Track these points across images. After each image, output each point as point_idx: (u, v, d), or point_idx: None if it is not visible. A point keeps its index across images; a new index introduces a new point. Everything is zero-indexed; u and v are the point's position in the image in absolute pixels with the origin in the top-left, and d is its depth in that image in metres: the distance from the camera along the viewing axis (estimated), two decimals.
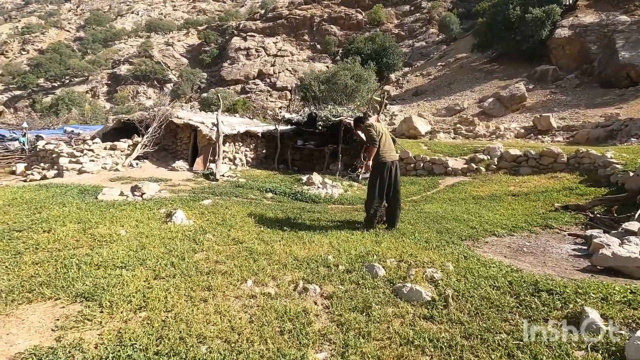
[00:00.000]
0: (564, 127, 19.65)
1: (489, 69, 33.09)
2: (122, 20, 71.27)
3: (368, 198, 5.21)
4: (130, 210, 5.50)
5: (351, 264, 3.78)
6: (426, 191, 9.09)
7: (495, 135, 19.45)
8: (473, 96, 29.78)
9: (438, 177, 10.23)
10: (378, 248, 4.19)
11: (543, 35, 28.86)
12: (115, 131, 12.91)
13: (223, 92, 40.79)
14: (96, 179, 9.33)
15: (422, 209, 6.90)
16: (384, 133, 5.20)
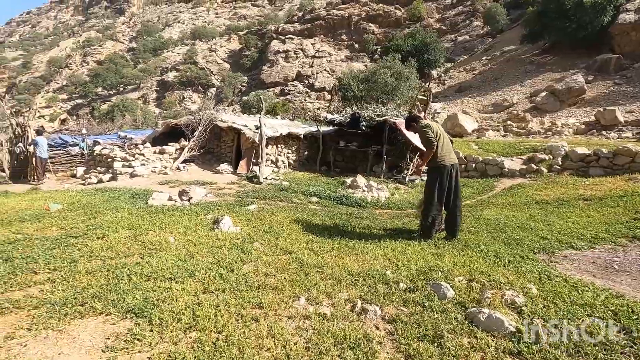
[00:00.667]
0: (632, 121, 17.68)
1: (541, 61, 30.83)
2: (170, 30, 74.86)
3: (425, 205, 4.75)
4: (178, 216, 5.45)
5: (413, 281, 3.37)
6: (481, 195, 8.38)
7: (551, 132, 17.90)
8: (523, 91, 27.86)
9: (493, 179, 9.44)
10: (441, 263, 3.74)
11: (604, 21, 26.37)
12: (164, 135, 13.31)
13: (263, 95, 41.50)
14: (146, 183, 9.57)
15: (481, 215, 6.29)
16: (441, 134, 4.71)
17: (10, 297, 3.08)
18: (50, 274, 3.55)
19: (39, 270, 3.63)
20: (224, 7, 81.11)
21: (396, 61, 29.06)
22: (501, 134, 19.41)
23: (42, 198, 6.99)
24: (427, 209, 4.69)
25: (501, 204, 7.25)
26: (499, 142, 12.31)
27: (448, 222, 4.77)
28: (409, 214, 6.67)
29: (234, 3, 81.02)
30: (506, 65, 33.22)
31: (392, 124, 10.58)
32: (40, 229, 4.91)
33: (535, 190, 7.99)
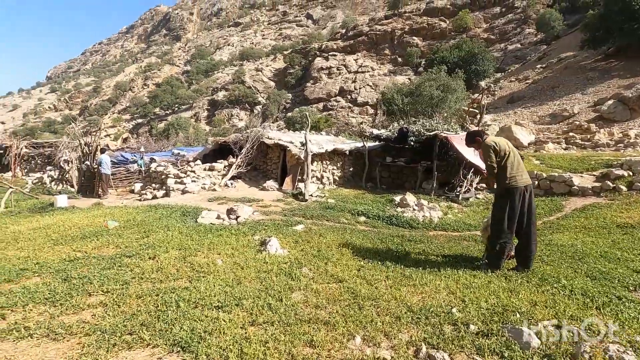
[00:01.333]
0: None
1: (605, 67, 28.33)
2: (220, 53, 79.18)
3: (493, 230, 4.23)
4: (226, 237, 5.36)
5: (485, 322, 2.91)
6: (548, 216, 7.53)
7: (623, 145, 16.09)
8: (585, 99, 25.64)
9: (560, 198, 8.47)
10: (517, 301, 3.22)
11: None
12: (213, 152, 13.71)
13: (306, 111, 42.09)
14: (196, 199, 9.79)
15: (552, 241, 5.57)
16: (510, 151, 4.19)
17: (65, 322, 3.05)
18: (103, 297, 3.53)
19: (93, 291, 3.63)
20: (270, 28, 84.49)
21: (442, 73, 28.18)
22: (562, 146, 17.82)
23: (102, 215, 7.32)
24: (496, 235, 4.16)
25: (574, 227, 6.41)
26: (564, 157, 11.19)
27: (519, 250, 4.20)
28: (467, 237, 6.10)
29: (279, 24, 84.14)
30: (564, 73, 30.94)
31: (444, 139, 9.99)
32: (98, 247, 5.03)
33: (614, 211, 7.01)
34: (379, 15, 54.22)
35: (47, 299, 3.46)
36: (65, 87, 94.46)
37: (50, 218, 7.34)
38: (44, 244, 5.31)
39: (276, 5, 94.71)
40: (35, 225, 6.66)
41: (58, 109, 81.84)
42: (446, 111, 26.02)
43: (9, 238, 5.69)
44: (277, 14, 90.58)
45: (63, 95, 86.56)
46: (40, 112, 79.63)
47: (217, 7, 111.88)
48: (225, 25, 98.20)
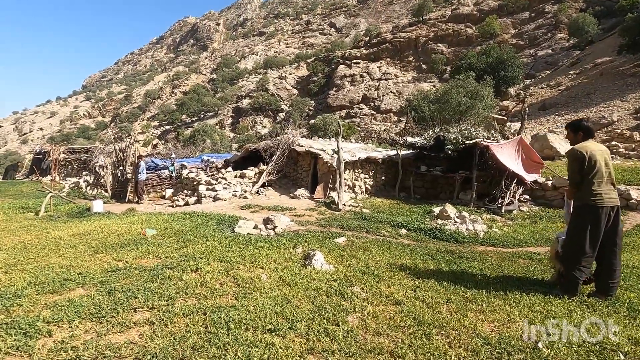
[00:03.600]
0: None
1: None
2: (245, 61, 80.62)
3: (571, 252, 3.76)
4: (267, 249, 5.12)
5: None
6: None
7: None
8: (625, 106, 24.30)
9: None
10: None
11: None
12: (243, 159, 13.65)
13: (329, 118, 41.97)
14: (228, 207, 9.66)
15: (622, 262, 5.01)
16: (603, 164, 3.66)
17: (112, 342, 2.85)
18: (149, 313, 3.33)
19: (138, 307, 3.43)
20: (293, 37, 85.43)
21: (470, 80, 27.43)
22: None
23: (138, 222, 7.25)
24: (574, 257, 3.69)
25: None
26: (615, 167, 10.39)
27: (600, 276, 3.72)
28: (521, 255, 5.60)
29: (302, 33, 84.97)
30: (600, 79, 29.54)
31: (484, 148, 9.48)
32: (138, 257, 4.88)
33: None
34: (403, 23, 53.77)
35: (93, 314, 3.29)
36: (99, 95, 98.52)
37: (88, 224, 7.33)
38: (85, 251, 5.22)
39: (300, 14, 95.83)
40: (75, 231, 6.64)
41: (92, 116, 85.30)
42: (474, 118, 25.24)
43: (51, 244, 5.64)
44: (301, 23, 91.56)
45: (97, 103, 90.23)
46: (75, 119, 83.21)
47: (243, 17, 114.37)
48: (250, 34, 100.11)
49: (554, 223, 7.82)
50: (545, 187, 9.33)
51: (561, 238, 4.12)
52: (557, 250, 4.12)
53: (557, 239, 4.20)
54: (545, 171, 10.07)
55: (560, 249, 4.05)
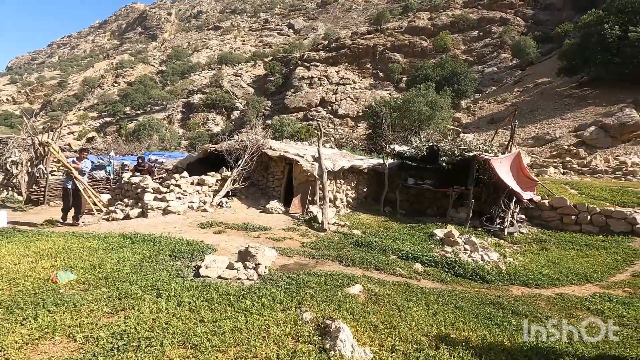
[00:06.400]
0: None
1: (580, 94, 28.68)
2: (198, 55, 75.47)
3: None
4: (256, 314, 3.25)
5: None
6: (627, 264, 6.01)
7: (622, 172, 15.47)
8: (565, 124, 25.62)
9: (625, 239, 7.05)
10: None
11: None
12: (200, 162, 11.37)
13: (287, 119, 40.08)
14: (184, 223, 7.48)
15: None
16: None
17: None
18: None
19: None
20: (250, 35, 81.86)
21: (430, 90, 27.30)
22: (560, 171, 17.04)
23: (50, 252, 4.89)
24: None
25: None
26: (603, 187, 9.94)
27: None
28: (569, 302, 4.35)
29: (260, 32, 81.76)
30: (541, 98, 31.15)
31: (482, 161, 8.38)
32: (32, 340, 2.75)
33: None
34: (362, 30, 53.54)
35: None
36: (27, 79, 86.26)
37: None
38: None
39: (258, 12, 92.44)
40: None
41: (17, 101, 74.22)
42: (433, 128, 25.00)
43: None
44: (259, 21, 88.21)
45: (24, 88, 78.81)
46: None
47: (197, 9, 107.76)
48: (204, 28, 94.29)
49: (565, 250, 6.85)
50: (542, 207, 8.47)
51: None
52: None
53: None
54: (540, 189, 9.28)
55: None
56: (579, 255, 6.42)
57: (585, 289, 5.02)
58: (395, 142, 14.06)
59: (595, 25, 27.14)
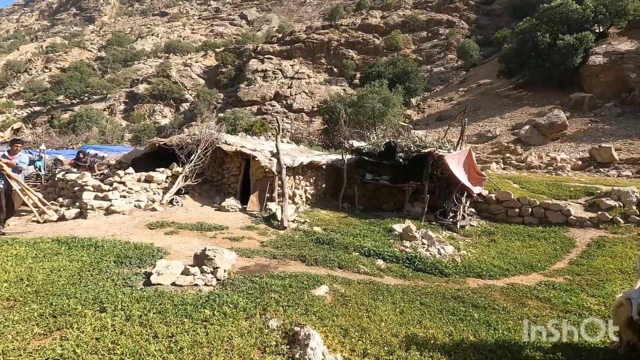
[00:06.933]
0: (627, 159, 17.26)
1: (517, 95, 31.11)
2: (142, 42, 70.43)
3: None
4: (218, 325, 2.98)
5: None
6: (565, 253, 6.56)
7: (553, 167, 17.05)
8: (504, 123, 27.66)
9: (560, 229, 7.71)
10: None
11: (575, 62, 26.95)
12: (147, 157, 10.52)
13: (240, 113, 38.87)
14: (130, 224, 6.85)
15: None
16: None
17: None
18: None
19: None
20: (200, 23, 78.00)
21: (384, 87, 27.98)
22: (501, 166, 18.37)
23: None
24: None
25: (618, 272, 5.42)
26: (540, 181, 10.79)
27: None
28: (520, 291, 4.62)
29: (211, 20, 78.26)
30: (483, 98, 33.31)
31: (436, 158, 8.68)
32: None
33: (631, 249, 6.29)
34: (316, 25, 53.41)
35: None
36: None
37: None
38: None
39: (208, 0, 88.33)
40: None
41: None
42: (386, 124, 25.71)
43: None
44: (209, 10, 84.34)
45: None
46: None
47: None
48: (149, 13, 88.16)
49: (511, 241, 7.33)
50: (489, 201, 9.01)
51: (637, 301, 3.04)
52: (630, 317, 3.03)
53: (628, 302, 3.10)
54: (487, 184, 9.84)
55: (637, 316, 2.98)
56: (524, 246, 6.91)
57: (532, 278, 5.38)
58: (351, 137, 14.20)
59: (530, 32, 29.48)
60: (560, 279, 5.33)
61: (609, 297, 4.40)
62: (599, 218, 7.76)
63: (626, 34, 28.93)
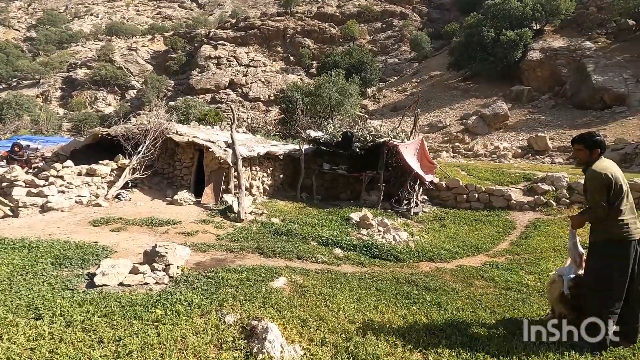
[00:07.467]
0: (559, 147, 19.01)
1: (465, 87, 32.78)
2: (80, 22, 64.35)
3: (600, 297, 2.99)
4: (170, 324, 2.85)
5: None
6: (506, 234, 7.12)
7: (496, 155, 18.34)
8: (454, 113, 29.09)
9: (502, 212, 8.34)
10: None
11: (516, 57, 28.94)
12: (89, 148, 9.72)
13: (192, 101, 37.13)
14: (70, 222, 6.31)
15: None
16: (625, 184, 2.98)
17: None
18: None
19: None
20: (146, 4, 72.77)
21: (340, 76, 28.13)
22: (451, 155, 19.40)
23: None
24: (605, 303, 2.94)
25: (550, 250, 5.99)
26: (485, 168, 11.53)
27: (623, 319, 3.09)
28: (467, 272, 4.95)
29: (158, 2, 73.33)
30: (434, 89, 34.75)
31: (391, 147, 8.93)
32: None
33: (562, 228, 6.98)
34: (272, 11, 52.09)
35: None
36: None
37: None
38: None
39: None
40: None
41: None
42: (343, 114, 25.99)
43: None
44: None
45: None
46: None
47: None
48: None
49: (460, 226, 7.79)
50: (440, 188, 9.49)
51: (567, 277, 3.36)
52: (562, 292, 3.35)
53: (560, 278, 3.42)
54: (438, 172, 10.34)
55: (567, 291, 3.30)
56: (471, 230, 7.39)
57: (478, 259, 5.78)
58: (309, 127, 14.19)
59: (476, 27, 31.05)
60: (502, 259, 5.79)
61: (544, 273, 4.85)
62: (535, 202, 8.51)
63: (559, 32, 31.51)
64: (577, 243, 3.35)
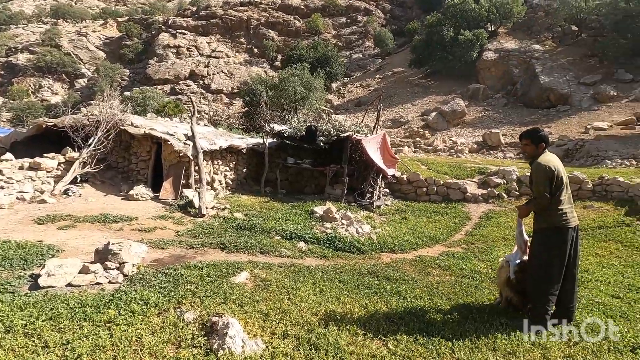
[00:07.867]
0: (510, 143, 20.27)
1: (426, 84, 33.90)
2: (21, 3, 58.82)
3: (541, 282, 3.24)
4: (125, 325, 2.72)
5: None
6: (462, 225, 7.51)
7: (454, 150, 19.21)
8: (415, 110, 30.01)
9: (458, 205, 8.77)
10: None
11: (473, 56, 30.37)
12: (32, 140, 8.97)
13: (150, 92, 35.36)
14: (11, 221, 5.80)
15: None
16: (565, 177, 3.26)
17: None
18: None
19: None
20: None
21: (305, 70, 28.02)
22: (412, 149, 20.07)
23: None
24: (545, 288, 3.20)
25: (502, 239, 6.40)
26: (444, 163, 12.03)
27: (561, 300, 3.37)
28: (426, 262, 5.18)
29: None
30: (397, 85, 35.63)
31: (354, 141, 9.05)
32: None
33: (511, 219, 7.49)
34: (234, 1, 50.54)
35: None
36: None
37: None
38: None
39: None
40: None
41: None
42: (307, 108, 25.97)
43: None
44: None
45: None
46: None
47: None
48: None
49: (420, 218, 8.11)
50: (401, 181, 9.80)
51: (513, 263, 3.62)
52: (508, 277, 3.60)
53: (507, 264, 3.67)
54: (400, 166, 10.65)
55: (514, 275, 3.56)
56: (430, 221, 7.72)
57: (436, 249, 6.05)
58: (273, 121, 14.00)
59: (436, 26, 32.14)
60: (458, 248, 6.11)
61: (494, 261, 5.18)
62: (488, 194, 9.05)
63: (511, 33, 33.44)
64: (523, 231, 3.60)
